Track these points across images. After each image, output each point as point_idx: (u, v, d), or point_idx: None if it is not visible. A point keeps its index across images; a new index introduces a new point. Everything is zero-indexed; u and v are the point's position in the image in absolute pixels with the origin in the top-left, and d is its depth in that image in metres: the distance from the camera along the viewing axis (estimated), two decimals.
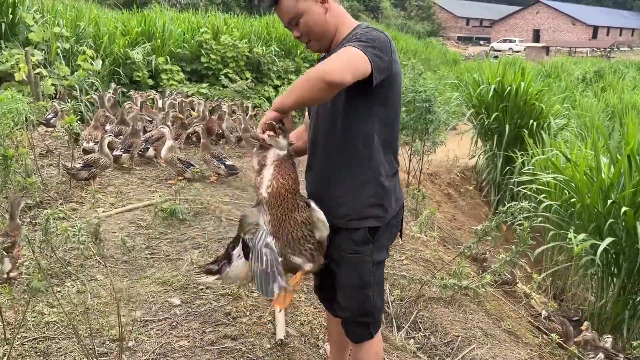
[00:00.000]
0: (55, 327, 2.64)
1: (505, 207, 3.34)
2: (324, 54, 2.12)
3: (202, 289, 3.11)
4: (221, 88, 10.38)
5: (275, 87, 11.64)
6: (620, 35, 63.70)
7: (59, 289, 2.96)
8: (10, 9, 7.93)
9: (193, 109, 7.16)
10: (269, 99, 11.13)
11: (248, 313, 2.90)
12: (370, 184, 1.99)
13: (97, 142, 5.14)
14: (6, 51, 7.31)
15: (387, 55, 1.84)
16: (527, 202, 6.28)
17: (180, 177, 4.98)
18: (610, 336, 4.18)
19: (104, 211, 4.10)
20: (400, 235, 2.26)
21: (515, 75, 8.80)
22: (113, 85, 7.79)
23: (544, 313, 4.11)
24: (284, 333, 2.74)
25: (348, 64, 1.75)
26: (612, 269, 4.90)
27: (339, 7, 2.02)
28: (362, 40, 1.82)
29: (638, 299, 4.79)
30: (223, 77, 10.64)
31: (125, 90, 8.51)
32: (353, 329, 2.16)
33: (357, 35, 1.87)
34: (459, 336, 3.21)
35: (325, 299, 2.33)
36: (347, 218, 2.01)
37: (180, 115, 6.41)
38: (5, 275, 2.88)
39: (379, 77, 1.81)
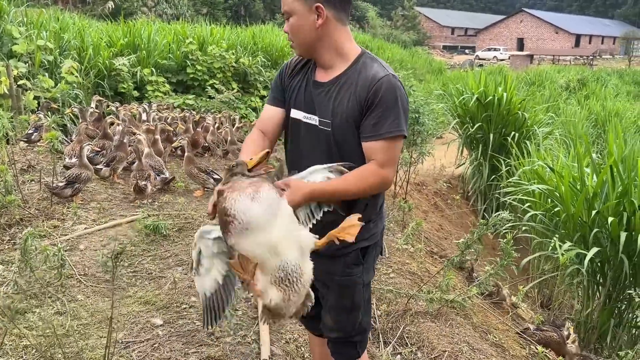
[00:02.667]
0: (34, 350, 2.58)
1: (488, 220, 3.33)
2: (298, 63, 2.06)
3: (185, 308, 3.06)
4: (207, 99, 10.34)
5: (262, 98, 11.62)
6: (602, 43, 64.72)
7: (38, 310, 2.90)
8: None
9: (185, 121, 7.11)
10: (255, 110, 11.10)
11: (232, 332, 2.86)
12: (361, 206, 1.96)
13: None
14: None
15: (408, 110, 1.91)
16: (514, 211, 6.33)
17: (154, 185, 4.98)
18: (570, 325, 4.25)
19: (85, 228, 4.03)
20: (381, 252, 2.24)
21: (497, 85, 8.87)
22: (96, 97, 7.71)
23: (531, 327, 4.11)
24: (268, 353, 2.70)
25: (395, 165, 1.90)
26: (598, 277, 4.92)
27: (341, 29, 1.91)
28: (397, 117, 1.82)
29: (623, 308, 4.82)
30: (209, 88, 10.60)
31: (110, 102, 8.45)
32: (340, 349, 2.13)
33: (389, 103, 1.82)
34: (445, 351, 3.19)
35: (306, 318, 2.30)
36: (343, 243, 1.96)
37: (169, 128, 6.35)
38: None
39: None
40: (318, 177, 1.82)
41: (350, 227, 1.67)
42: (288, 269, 1.53)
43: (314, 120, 1.94)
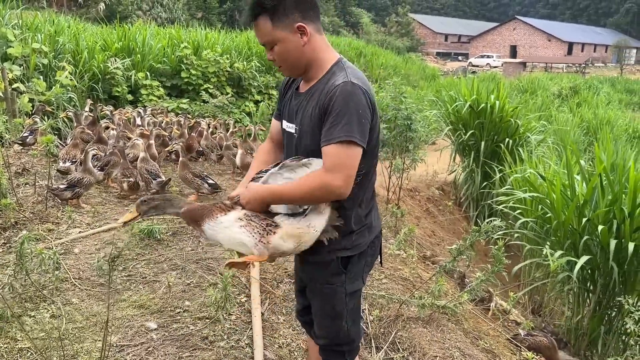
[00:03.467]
0: (29, 353, 2.59)
1: (480, 227, 3.38)
2: (292, 78, 2.12)
3: (179, 312, 3.08)
4: (202, 103, 10.37)
5: (256, 102, 11.66)
6: (595, 51, 65.28)
7: (33, 314, 2.91)
8: None
9: (180, 125, 7.13)
10: (249, 114, 11.15)
11: (226, 337, 2.88)
12: (345, 222, 1.98)
13: (74, 161, 5.10)
14: None
15: (369, 118, 1.85)
16: (506, 217, 6.39)
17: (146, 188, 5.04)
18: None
19: (80, 232, 4.04)
20: (381, 263, 2.29)
21: (490, 93, 8.94)
22: (89, 101, 7.72)
23: (522, 333, 4.15)
24: (262, 357, 2.72)
25: (349, 173, 1.81)
26: (588, 285, 4.97)
27: (319, 39, 1.96)
28: (349, 122, 1.79)
29: (613, 315, 4.87)
30: (204, 92, 10.63)
31: (104, 106, 8.45)
32: (328, 356, 2.17)
33: (340, 108, 1.81)
34: (437, 357, 3.23)
35: (306, 324, 2.35)
36: (318, 250, 1.98)
37: (164, 133, 6.38)
38: None
39: (366, 143, 1.86)
40: (278, 180, 1.94)
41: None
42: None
43: (292, 128, 2.02)
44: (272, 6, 1.85)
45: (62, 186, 4.46)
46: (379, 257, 2.22)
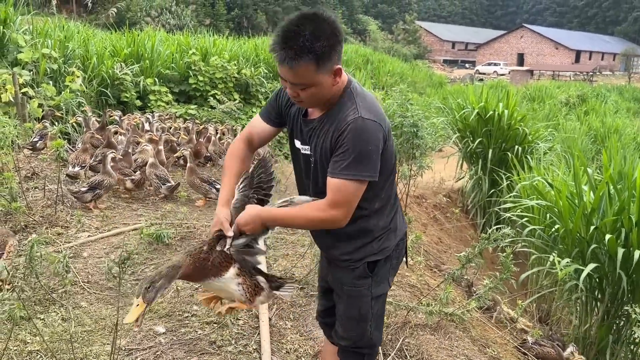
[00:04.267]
0: (38, 356, 2.61)
1: (487, 234, 3.38)
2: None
3: (187, 316, 3.09)
4: (209, 109, 10.41)
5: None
6: (602, 59, 65.11)
7: (42, 317, 2.93)
8: (0, 28, 7.93)
9: (188, 131, 7.17)
10: None
11: (233, 341, 2.89)
12: (367, 230, 2.03)
13: (83, 166, 5.14)
14: None
15: (379, 149, 1.85)
16: (513, 225, 6.37)
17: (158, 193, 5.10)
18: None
19: (89, 236, 4.07)
20: (407, 264, 2.32)
21: (499, 100, 8.93)
22: (87, 108, 7.76)
23: (529, 339, 4.13)
24: None
25: (351, 208, 1.86)
26: (596, 293, 4.94)
27: (344, 75, 1.91)
28: (358, 161, 1.80)
29: (622, 324, 4.84)
30: (211, 98, 10.68)
31: (113, 111, 8.50)
32: (348, 358, 2.20)
33: (349, 146, 1.80)
34: None
35: (326, 325, 2.37)
36: (345, 257, 2.05)
37: (173, 138, 6.42)
38: None
39: (376, 173, 1.87)
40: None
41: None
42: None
43: (307, 150, 2.02)
44: (321, 52, 1.74)
45: (83, 188, 4.55)
46: (404, 258, 2.24)
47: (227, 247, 1.92)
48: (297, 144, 2.07)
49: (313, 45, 1.72)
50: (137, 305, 1.71)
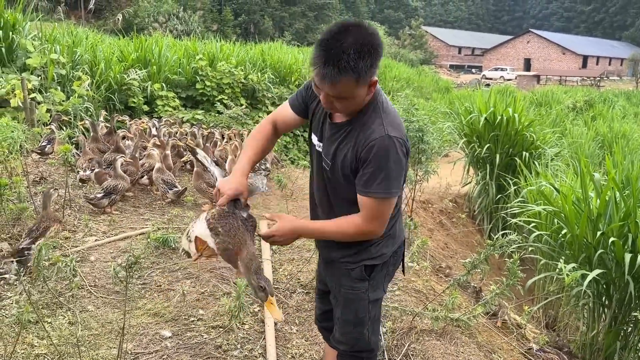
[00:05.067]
0: (46, 359, 2.62)
1: (494, 240, 3.37)
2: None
3: (193, 320, 3.10)
4: (216, 114, 10.45)
5: (270, 114, 11.72)
6: (610, 64, 64.89)
7: (50, 320, 2.95)
8: (9, 34, 8.01)
9: (195, 136, 7.20)
10: None
11: (239, 346, 2.90)
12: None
13: (93, 169, 5.19)
14: (3, 77, 7.36)
15: (404, 167, 1.92)
16: (520, 230, 6.34)
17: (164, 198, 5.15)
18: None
19: (96, 240, 4.09)
20: (403, 272, 2.32)
21: (507, 105, 8.91)
22: (103, 112, 7.83)
23: (535, 347, 4.11)
24: None
25: (385, 220, 1.94)
26: (603, 299, 4.91)
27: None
28: (387, 179, 1.85)
29: (630, 330, 4.80)
30: (218, 103, 10.72)
31: (119, 115, 8.55)
32: None
33: (378, 164, 1.84)
34: None
35: (324, 329, 2.38)
36: (345, 259, 2.07)
37: (180, 143, 6.45)
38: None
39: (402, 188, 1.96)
40: (257, 179, 2.03)
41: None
42: None
43: (320, 148, 2.05)
44: (364, 71, 1.75)
45: (99, 195, 4.59)
46: (401, 265, 2.26)
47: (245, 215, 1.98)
48: (314, 139, 2.10)
49: (357, 65, 1.71)
50: (272, 303, 1.86)
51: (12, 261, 3.23)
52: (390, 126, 1.87)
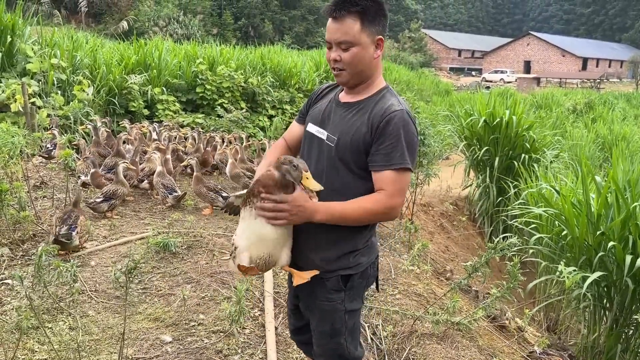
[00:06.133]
0: None
1: (495, 243, 3.37)
2: (330, 87, 2.20)
3: (193, 325, 3.10)
4: (216, 118, 10.46)
5: (270, 117, 11.74)
6: (610, 66, 64.92)
7: (50, 326, 2.95)
8: (8, 39, 8.02)
9: (195, 140, 7.21)
10: (263, 129, 11.22)
11: (240, 351, 2.89)
12: (348, 237, 2.02)
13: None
14: (3, 82, 7.38)
15: (417, 147, 1.99)
16: (521, 233, 6.34)
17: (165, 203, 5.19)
18: None
19: (97, 244, 4.09)
20: (377, 288, 2.28)
21: (507, 108, 8.91)
22: (98, 118, 7.82)
23: (537, 350, 4.11)
24: None
25: (404, 198, 1.96)
26: (604, 302, 4.90)
27: (381, 63, 2.06)
28: (405, 150, 1.89)
29: (631, 332, 4.80)
30: (218, 107, 10.73)
31: (119, 120, 8.57)
32: None
33: (399, 136, 1.89)
34: None
35: (302, 344, 2.35)
36: (322, 262, 2.02)
37: (180, 147, 6.46)
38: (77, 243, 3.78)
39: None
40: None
41: (301, 276, 1.99)
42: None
43: (323, 134, 2.04)
44: (363, 8, 1.89)
45: (98, 199, 4.60)
46: (374, 283, 2.21)
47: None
48: (312, 127, 2.11)
49: (362, 2, 1.88)
50: (308, 177, 1.85)
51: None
52: (406, 107, 1.96)
